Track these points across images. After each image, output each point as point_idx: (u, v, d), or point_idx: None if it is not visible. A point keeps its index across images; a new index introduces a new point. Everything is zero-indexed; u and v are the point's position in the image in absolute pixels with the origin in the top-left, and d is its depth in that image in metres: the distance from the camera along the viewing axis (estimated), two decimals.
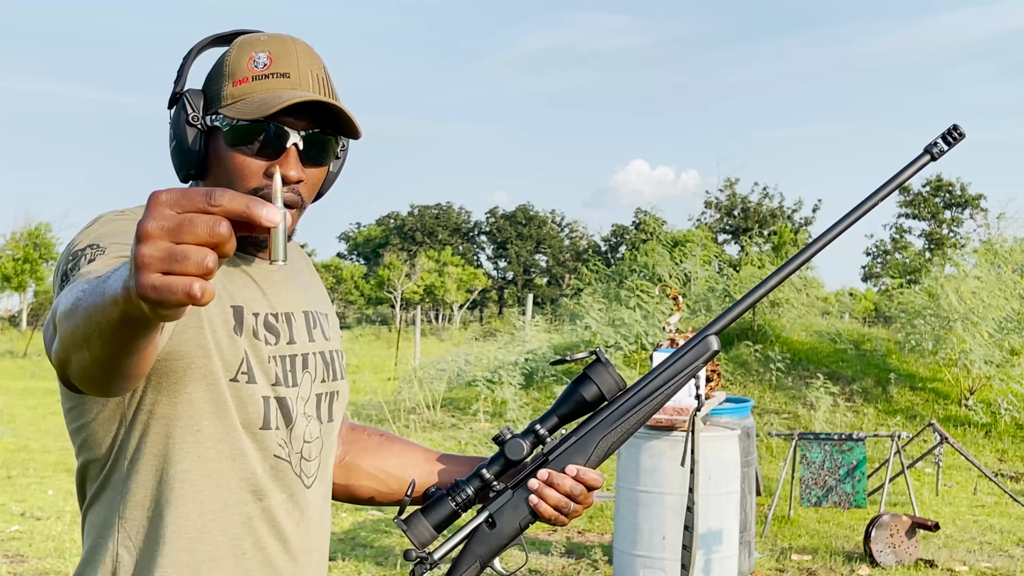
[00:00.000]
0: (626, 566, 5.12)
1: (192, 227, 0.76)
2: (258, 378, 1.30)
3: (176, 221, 0.77)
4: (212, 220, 0.77)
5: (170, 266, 0.76)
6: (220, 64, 1.35)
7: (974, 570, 5.98)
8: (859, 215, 1.33)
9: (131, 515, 1.27)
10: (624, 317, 12.49)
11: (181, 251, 0.76)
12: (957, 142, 1.33)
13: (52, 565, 5.67)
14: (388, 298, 47.57)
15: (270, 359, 1.32)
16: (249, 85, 1.31)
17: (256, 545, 1.31)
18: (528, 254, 63.28)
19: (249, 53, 1.33)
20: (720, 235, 46.97)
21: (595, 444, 1.29)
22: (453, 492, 1.30)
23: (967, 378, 11.15)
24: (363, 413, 11.62)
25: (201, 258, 0.76)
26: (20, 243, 35.80)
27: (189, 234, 0.76)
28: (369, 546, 6.30)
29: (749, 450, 5.79)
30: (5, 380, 17.62)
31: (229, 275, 1.33)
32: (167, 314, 0.80)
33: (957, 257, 13.29)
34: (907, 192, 50.82)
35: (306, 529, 1.37)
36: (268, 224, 0.78)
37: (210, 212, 0.77)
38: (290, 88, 1.31)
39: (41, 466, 8.96)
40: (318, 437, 1.39)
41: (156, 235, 0.77)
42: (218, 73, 1.34)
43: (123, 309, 0.85)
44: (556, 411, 1.30)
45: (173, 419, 1.25)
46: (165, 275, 0.76)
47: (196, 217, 0.77)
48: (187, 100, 1.32)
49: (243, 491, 1.30)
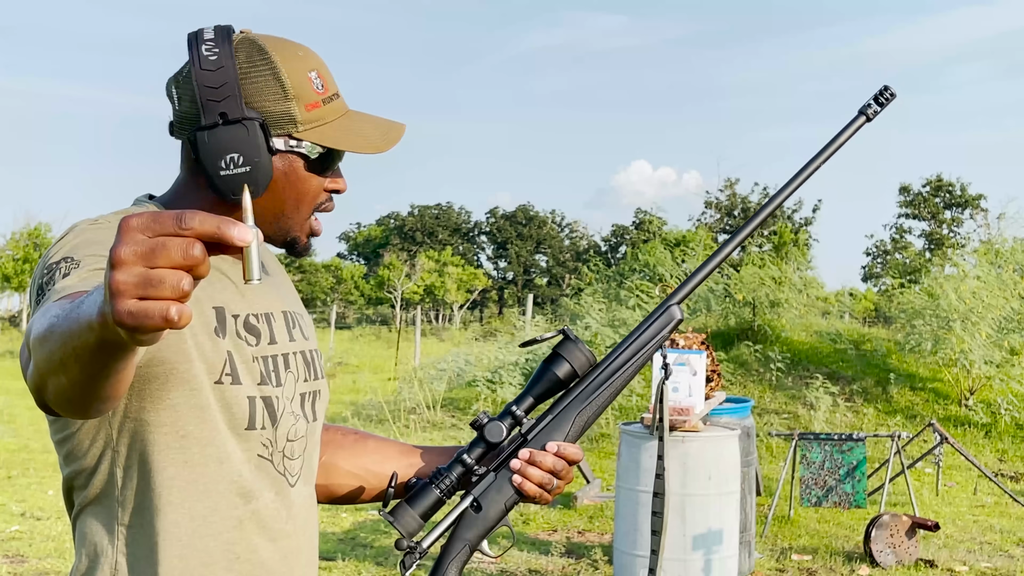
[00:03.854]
0: (626, 566, 5.12)
1: (165, 251, 0.76)
2: (243, 378, 1.30)
3: (149, 246, 0.76)
4: (185, 243, 0.76)
5: (145, 291, 0.76)
6: (272, 78, 1.29)
7: (974, 570, 5.98)
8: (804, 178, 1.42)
9: (121, 524, 1.27)
10: (624, 317, 12.50)
11: (156, 275, 0.76)
12: (889, 102, 1.38)
13: (52, 565, 5.68)
14: (388, 298, 47.55)
15: (254, 359, 1.32)
16: (322, 110, 1.32)
17: (248, 548, 1.31)
18: (528, 254, 63.27)
19: (303, 71, 1.32)
20: (720, 235, 46.97)
21: (572, 420, 1.31)
22: (436, 480, 1.30)
23: (967, 378, 11.15)
24: (363, 413, 11.62)
25: (176, 281, 0.76)
26: (20, 243, 35.82)
27: (163, 258, 0.76)
28: (369, 546, 6.30)
29: (749, 450, 5.79)
30: (5, 380, 17.61)
31: (208, 277, 1.32)
32: (144, 339, 0.80)
33: (957, 257, 13.30)
34: (907, 192, 50.83)
35: (295, 528, 1.37)
36: (241, 244, 0.79)
37: (182, 235, 0.77)
38: (344, 108, 1.36)
39: (41, 466, 8.96)
40: (303, 436, 1.39)
41: (129, 261, 0.76)
42: (273, 89, 1.29)
43: (99, 335, 0.84)
44: (530, 391, 1.31)
45: (157, 425, 1.25)
46: (141, 300, 0.76)
47: (169, 240, 0.76)
48: (262, 127, 1.29)
49: (231, 494, 1.29)
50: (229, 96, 1.27)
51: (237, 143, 1.27)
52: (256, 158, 1.28)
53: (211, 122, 1.27)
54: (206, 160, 1.27)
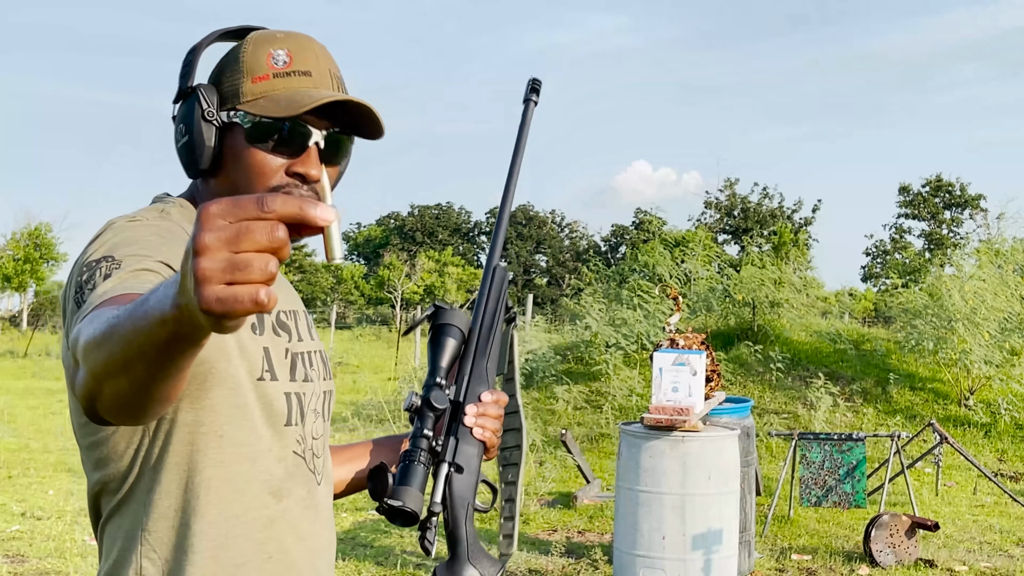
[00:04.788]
0: (626, 566, 5.12)
1: (250, 234, 0.76)
2: (279, 374, 1.30)
3: (233, 231, 0.76)
4: (269, 226, 0.76)
5: (233, 276, 0.76)
6: (235, 60, 1.32)
7: (974, 570, 5.98)
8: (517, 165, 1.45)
9: (154, 527, 1.24)
10: (625, 317, 12.49)
11: (243, 260, 0.76)
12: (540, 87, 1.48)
13: (52, 565, 5.68)
14: (388, 298, 47.56)
15: (287, 355, 1.33)
16: (271, 82, 1.30)
17: (280, 547, 1.30)
18: (528, 254, 63.30)
19: (267, 50, 1.31)
20: (720, 235, 46.98)
21: (485, 370, 1.35)
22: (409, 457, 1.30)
23: (967, 378, 11.15)
24: (363, 413, 11.63)
25: (264, 264, 0.76)
26: (20, 243, 35.82)
27: (248, 242, 0.76)
28: (369, 546, 6.31)
29: (749, 450, 5.80)
30: (6, 380, 17.62)
31: None
32: (232, 325, 0.79)
33: (957, 257, 13.30)
34: (907, 192, 50.84)
35: (320, 528, 1.37)
36: (323, 223, 0.79)
37: (264, 218, 0.77)
38: (313, 87, 1.31)
39: (42, 466, 8.96)
40: (322, 435, 1.40)
41: (214, 247, 0.76)
42: (233, 69, 1.32)
43: (172, 329, 0.83)
44: (437, 364, 1.34)
45: (195, 426, 1.24)
46: (229, 286, 0.76)
47: (252, 224, 0.76)
48: (202, 94, 1.30)
49: (264, 493, 1.29)
50: (187, 75, 1.33)
51: (183, 116, 1.31)
52: (192, 126, 1.29)
53: (174, 101, 1.33)
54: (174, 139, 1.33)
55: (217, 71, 1.34)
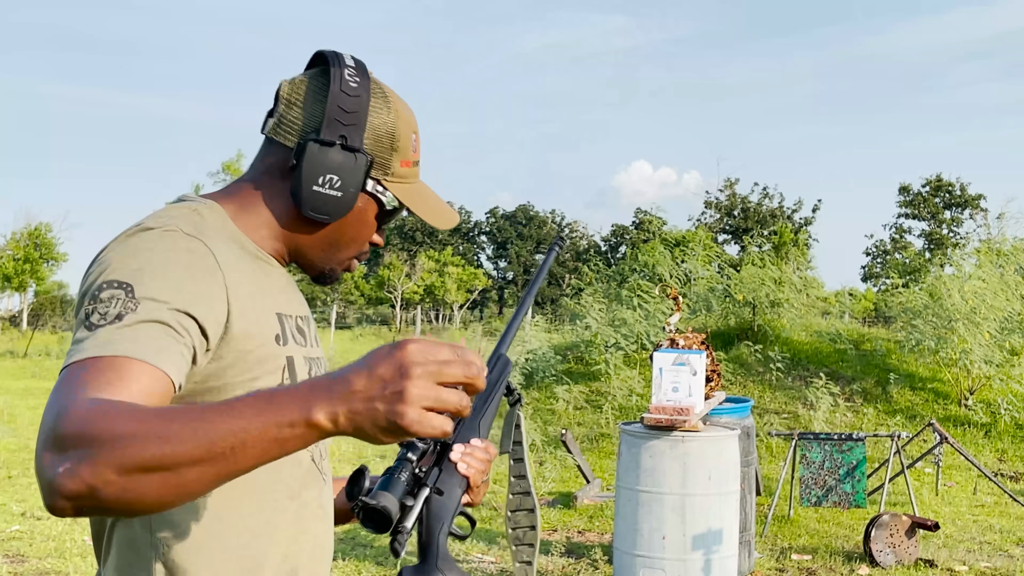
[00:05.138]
0: (626, 566, 5.12)
1: (452, 371, 0.93)
2: (299, 378, 1.32)
3: (437, 366, 0.92)
4: (467, 366, 0.94)
5: (432, 405, 0.91)
6: (385, 129, 1.36)
7: (974, 570, 5.98)
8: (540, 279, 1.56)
9: (170, 532, 1.24)
10: (625, 317, 12.49)
11: (446, 395, 0.92)
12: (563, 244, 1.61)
13: (52, 565, 5.68)
14: (388, 298, 47.56)
15: (304, 360, 1.35)
16: (411, 170, 1.40)
17: (295, 548, 1.32)
18: (528, 254, 63.29)
19: (410, 132, 1.39)
20: (720, 235, 46.97)
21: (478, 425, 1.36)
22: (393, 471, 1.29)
23: (967, 378, 11.15)
24: None
25: (458, 400, 0.93)
26: (20, 243, 35.81)
27: (450, 376, 0.93)
28: (369, 546, 6.31)
29: (749, 450, 5.80)
30: (5, 380, 17.62)
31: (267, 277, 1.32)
32: (393, 441, 0.94)
33: (957, 257, 13.31)
34: (907, 192, 50.84)
35: (326, 527, 1.40)
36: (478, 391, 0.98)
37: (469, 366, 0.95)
38: (418, 175, 1.44)
39: None
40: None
41: (422, 377, 0.91)
42: (382, 137, 1.35)
43: (301, 433, 0.91)
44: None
45: None
46: (426, 411, 0.91)
47: (455, 363, 0.94)
48: (369, 166, 1.34)
49: (280, 496, 1.30)
50: (355, 125, 1.32)
51: (342, 169, 1.32)
52: (351, 188, 1.33)
53: (330, 140, 1.31)
54: (306, 169, 1.30)
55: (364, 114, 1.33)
